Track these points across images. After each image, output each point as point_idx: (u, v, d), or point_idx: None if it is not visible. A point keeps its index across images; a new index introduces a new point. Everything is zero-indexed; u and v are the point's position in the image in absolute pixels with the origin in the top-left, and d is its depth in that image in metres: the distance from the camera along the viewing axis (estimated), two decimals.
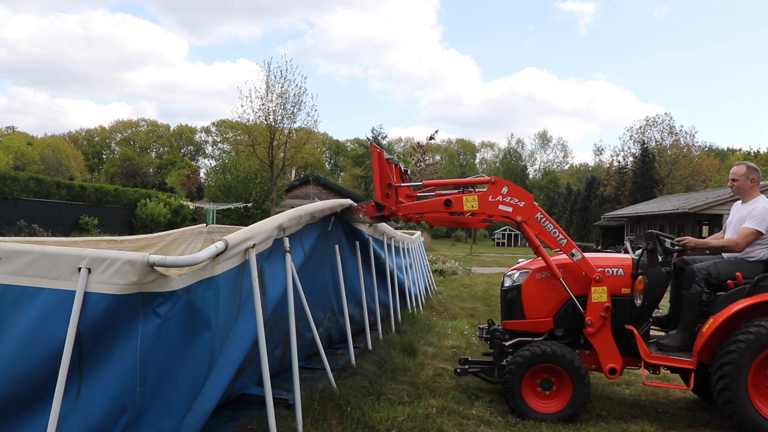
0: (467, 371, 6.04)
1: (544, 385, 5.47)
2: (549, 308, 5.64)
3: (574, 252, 5.48)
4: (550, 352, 5.35)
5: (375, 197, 5.57)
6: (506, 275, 6.04)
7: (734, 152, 70.40)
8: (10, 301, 2.95)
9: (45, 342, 2.91)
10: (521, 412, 5.38)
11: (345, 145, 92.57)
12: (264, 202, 36.65)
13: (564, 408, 5.37)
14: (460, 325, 10.14)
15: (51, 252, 2.91)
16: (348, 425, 4.66)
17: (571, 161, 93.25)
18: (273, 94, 33.46)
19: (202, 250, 3.11)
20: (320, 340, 5.10)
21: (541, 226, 5.52)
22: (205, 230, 9.25)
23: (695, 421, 5.63)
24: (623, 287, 5.51)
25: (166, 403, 3.22)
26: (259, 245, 3.89)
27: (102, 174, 76.68)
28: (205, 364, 3.46)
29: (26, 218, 27.04)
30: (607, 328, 5.48)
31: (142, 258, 2.85)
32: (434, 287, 14.89)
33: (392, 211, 5.57)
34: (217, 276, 3.42)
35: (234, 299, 3.78)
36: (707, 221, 30.11)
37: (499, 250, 42.36)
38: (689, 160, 56.08)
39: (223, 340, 3.71)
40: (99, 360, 2.97)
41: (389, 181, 5.56)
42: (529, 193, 5.65)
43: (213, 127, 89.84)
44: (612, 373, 5.49)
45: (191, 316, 3.23)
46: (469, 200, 5.49)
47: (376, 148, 5.58)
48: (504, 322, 5.91)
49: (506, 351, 5.75)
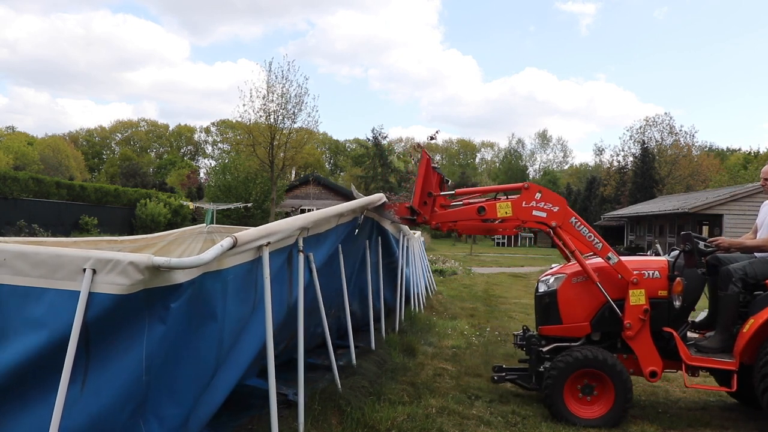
0: (504, 378, 5.99)
1: (585, 390, 5.41)
2: (586, 313, 5.59)
3: (610, 255, 5.43)
4: (593, 357, 5.30)
5: (413, 203, 5.54)
6: (540, 281, 5.99)
7: (734, 152, 70.41)
8: (15, 301, 2.98)
9: (49, 341, 2.92)
10: (563, 417, 5.31)
11: (345, 145, 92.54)
12: (264, 202, 36.67)
13: (607, 413, 5.31)
14: (460, 325, 10.14)
15: (56, 253, 2.93)
16: (348, 425, 4.66)
17: (571, 161, 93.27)
18: (274, 95, 33.53)
19: (207, 251, 3.11)
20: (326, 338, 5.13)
21: (576, 231, 5.49)
22: (205, 230, 9.25)
23: (695, 421, 5.63)
24: (660, 289, 5.47)
25: (172, 393, 3.24)
26: (278, 242, 3.89)
27: (102, 174, 76.70)
28: (212, 355, 3.46)
29: (26, 218, 27.03)
30: (646, 330, 5.43)
31: (147, 260, 2.86)
32: (434, 287, 14.89)
33: (426, 219, 5.57)
34: (225, 270, 3.42)
35: (248, 293, 3.77)
36: (707, 221, 30.11)
37: (499, 250, 42.37)
38: (689, 160, 56.08)
39: (235, 334, 3.71)
40: (105, 353, 2.99)
41: (430, 190, 5.55)
42: (563, 198, 5.64)
43: (213, 127, 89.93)
44: (653, 376, 5.44)
45: (196, 308, 3.24)
46: (503, 207, 5.47)
47: (427, 153, 5.58)
48: (539, 327, 5.86)
49: (543, 357, 5.70)
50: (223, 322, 3.46)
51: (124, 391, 3.03)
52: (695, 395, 6.56)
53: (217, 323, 3.40)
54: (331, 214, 4.79)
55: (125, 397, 3.03)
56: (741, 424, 5.63)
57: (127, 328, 3.02)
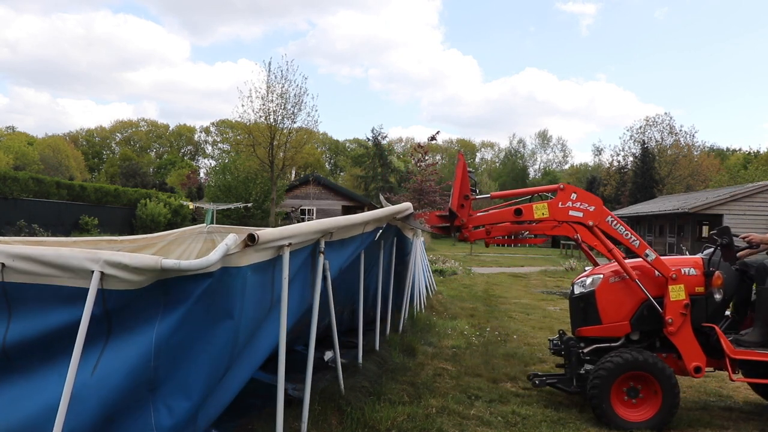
0: (545, 382, 5.94)
1: (631, 393, 5.38)
2: (625, 312, 5.59)
3: (647, 252, 5.46)
4: (640, 360, 5.27)
5: (451, 205, 5.55)
6: (575, 283, 5.99)
7: (734, 152, 70.42)
8: (24, 300, 3.00)
9: (58, 338, 2.99)
10: (610, 421, 5.28)
11: (345, 145, 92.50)
12: (264, 202, 36.66)
13: (654, 416, 5.29)
14: (460, 325, 10.14)
15: (65, 254, 2.94)
16: (348, 425, 4.66)
17: (571, 161, 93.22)
18: (273, 94, 33.51)
19: (213, 251, 3.10)
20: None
21: (612, 229, 5.51)
22: (206, 230, 9.25)
23: (695, 421, 5.63)
24: (697, 286, 5.49)
25: (184, 386, 3.24)
26: (299, 244, 3.92)
27: (102, 174, 76.68)
28: (227, 352, 3.45)
29: (26, 218, 27.03)
30: (687, 326, 5.43)
31: (155, 263, 2.87)
32: (434, 287, 14.89)
33: (463, 222, 5.57)
34: (244, 267, 3.40)
35: (265, 292, 3.77)
36: (707, 221, 30.07)
37: (499, 250, 42.34)
38: (689, 160, 56.06)
39: (251, 332, 3.70)
40: (115, 337, 3.03)
41: (467, 193, 5.56)
42: (598, 198, 5.65)
43: (213, 127, 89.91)
44: (697, 371, 5.43)
45: (213, 301, 3.23)
46: (539, 208, 5.48)
47: (463, 157, 5.61)
48: (577, 329, 5.84)
49: (584, 359, 5.68)
50: (239, 319, 3.45)
51: (132, 375, 3.05)
52: (695, 395, 6.56)
53: (234, 320, 3.39)
54: (357, 222, 4.81)
55: (133, 380, 3.05)
56: (741, 424, 5.63)
57: (140, 314, 3.05)
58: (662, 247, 31.99)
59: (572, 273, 22.80)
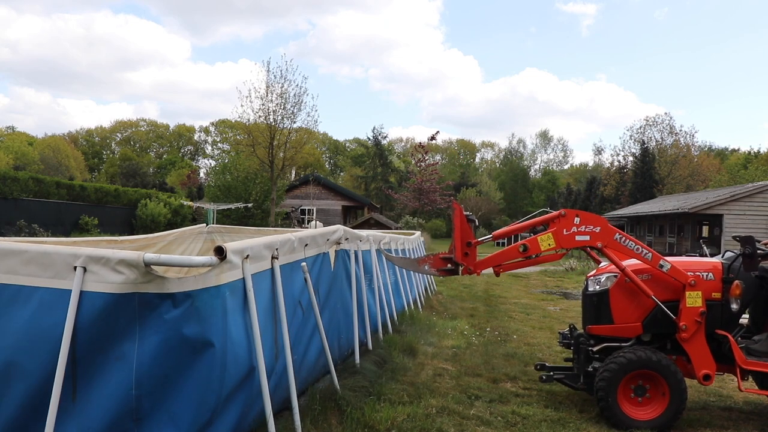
0: (552, 378, 5.90)
1: (638, 391, 5.34)
2: (638, 313, 5.51)
3: (662, 263, 5.38)
4: (648, 358, 5.23)
5: (455, 257, 5.47)
6: (590, 279, 5.89)
7: (734, 152, 70.39)
8: (5, 300, 2.95)
9: (40, 342, 2.89)
10: (617, 419, 5.24)
11: (345, 145, 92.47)
12: (264, 202, 36.66)
13: (660, 415, 5.24)
14: (460, 325, 10.13)
15: (47, 251, 2.90)
16: (348, 425, 4.66)
17: (572, 161, 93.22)
18: (273, 94, 33.50)
19: (199, 256, 3.09)
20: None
21: (622, 246, 5.42)
22: (206, 230, 9.25)
23: (695, 421, 5.62)
24: (713, 292, 5.41)
25: (170, 415, 3.09)
26: (286, 257, 3.99)
27: (102, 174, 76.65)
28: (214, 377, 3.25)
29: (26, 218, 27.03)
30: (701, 333, 5.36)
31: (138, 257, 2.85)
32: (434, 287, 14.88)
33: (470, 270, 5.50)
34: (223, 285, 3.29)
35: (249, 310, 3.62)
36: (707, 221, 30.07)
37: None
38: (689, 160, 56.06)
39: (241, 357, 3.52)
40: (95, 360, 2.94)
41: (469, 240, 5.49)
42: (601, 217, 5.58)
43: (212, 127, 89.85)
44: (706, 379, 5.37)
45: (192, 323, 3.09)
46: (545, 240, 5.42)
47: (458, 205, 5.55)
48: (588, 327, 5.76)
49: (592, 357, 5.63)
50: (224, 343, 3.28)
51: (114, 404, 2.94)
52: (695, 395, 6.55)
53: (217, 345, 3.22)
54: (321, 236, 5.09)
55: (115, 410, 2.94)
56: (741, 425, 5.62)
57: (119, 332, 2.93)
58: (662, 247, 31.98)
59: (572, 273, 22.78)
